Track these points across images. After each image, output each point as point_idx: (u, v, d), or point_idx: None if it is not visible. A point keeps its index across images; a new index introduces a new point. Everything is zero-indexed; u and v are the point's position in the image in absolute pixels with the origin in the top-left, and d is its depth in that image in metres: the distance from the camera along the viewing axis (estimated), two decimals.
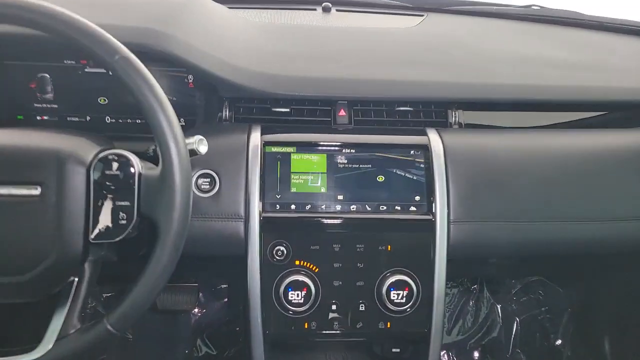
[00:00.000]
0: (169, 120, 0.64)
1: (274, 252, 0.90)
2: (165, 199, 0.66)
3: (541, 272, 1.57)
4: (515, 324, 1.72)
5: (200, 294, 1.72)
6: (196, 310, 1.71)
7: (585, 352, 1.63)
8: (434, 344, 0.94)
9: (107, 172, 0.68)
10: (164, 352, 1.63)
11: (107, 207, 0.68)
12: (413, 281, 0.91)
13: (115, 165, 0.68)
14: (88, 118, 0.98)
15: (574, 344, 1.66)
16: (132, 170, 0.69)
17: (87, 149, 0.70)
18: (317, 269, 0.91)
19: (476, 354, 1.72)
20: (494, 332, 1.73)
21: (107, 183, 0.68)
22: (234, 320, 1.65)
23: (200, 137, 0.75)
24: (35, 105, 0.96)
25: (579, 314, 1.64)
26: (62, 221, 0.67)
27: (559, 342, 1.68)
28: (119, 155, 0.69)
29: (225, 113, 0.99)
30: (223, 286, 1.73)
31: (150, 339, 1.65)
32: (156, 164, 0.70)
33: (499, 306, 1.74)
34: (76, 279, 0.70)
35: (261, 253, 0.89)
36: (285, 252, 0.90)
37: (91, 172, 0.68)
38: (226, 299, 1.72)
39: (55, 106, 0.97)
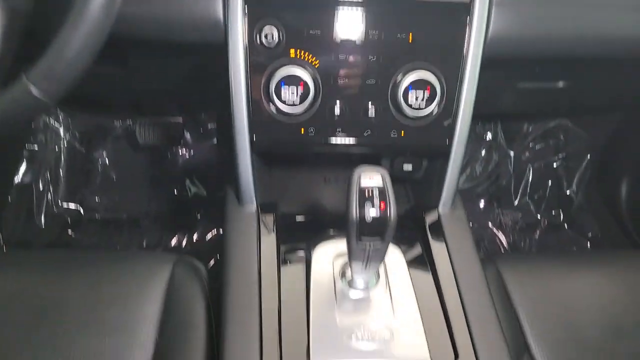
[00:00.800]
0: None
1: (263, 36, 0.69)
2: None
3: (569, 111, 1.40)
4: (527, 172, 1.61)
5: (188, 134, 1.57)
6: (184, 150, 1.58)
7: (598, 199, 1.53)
8: (454, 161, 0.79)
9: None
10: (151, 192, 1.52)
11: None
12: (437, 81, 0.72)
13: None
14: None
15: (587, 192, 1.56)
16: None
17: None
18: (318, 62, 0.71)
19: (482, 203, 1.63)
20: (504, 180, 1.62)
21: None
22: (224, 162, 1.51)
23: None
24: None
25: (599, 160, 1.51)
26: None
27: (572, 189, 1.57)
28: None
29: None
30: (211, 126, 1.57)
31: (136, 178, 1.53)
32: None
33: (512, 153, 1.61)
34: None
35: (245, 37, 0.69)
36: (276, 36, 0.69)
37: None
38: (215, 140, 1.57)
39: None
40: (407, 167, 0.84)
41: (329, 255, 0.73)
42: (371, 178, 0.59)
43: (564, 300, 0.82)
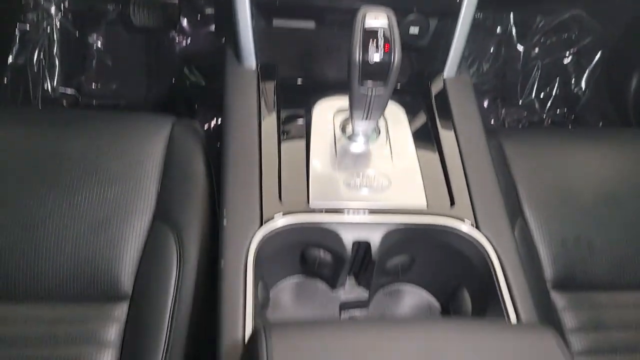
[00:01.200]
0: None
1: None
2: None
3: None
4: (535, 70, 1.56)
5: (185, 21, 1.50)
6: (181, 37, 1.52)
7: (604, 97, 1.50)
8: (463, 20, 0.75)
9: None
10: (149, 79, 1.49)
11: None
12: None
13: None
14: None
15: (594, 90, 1.52)
16: None
17: None
18: None
19: (486, 101, 1.60)
20: (511, 78, 1.58)
21: None
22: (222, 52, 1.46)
23: None
24: None
25: (610, 56, 1.46)
26: None
27: (579, 87, 1.54)
28: None
29: None
30: (208, 12, 1.50)
31: (133, 65, 1.48)
32: None
33: (521, 48, 1.55)
34: None
35: None
36: None
37: None
38: (213, 27, 1.51)
39: None
40: (414, 30, 0.80)
41: (329, 110, 0.71)
42: (376, 18, 0.56)
43: (561, 170, 0.82)
